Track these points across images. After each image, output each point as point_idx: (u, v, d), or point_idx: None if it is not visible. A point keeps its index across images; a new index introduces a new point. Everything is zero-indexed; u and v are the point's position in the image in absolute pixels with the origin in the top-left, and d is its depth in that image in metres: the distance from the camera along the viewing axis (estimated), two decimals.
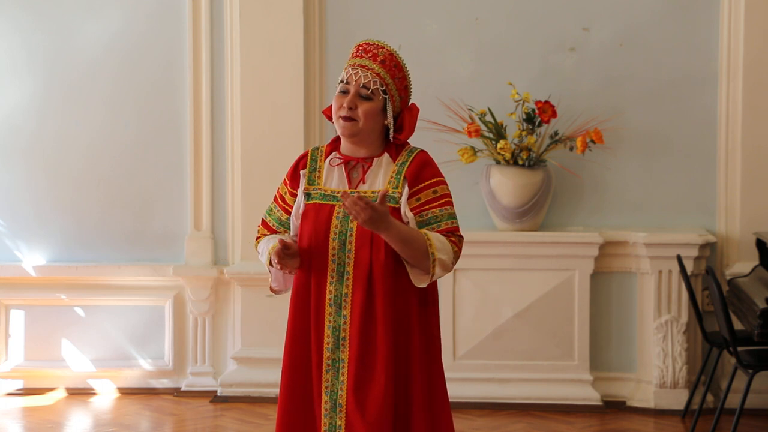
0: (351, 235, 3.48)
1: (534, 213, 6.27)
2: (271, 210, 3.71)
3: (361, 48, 3.60)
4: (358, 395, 3.46)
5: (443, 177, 3.57)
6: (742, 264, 6.22)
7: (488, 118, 6.29)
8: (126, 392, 6.68)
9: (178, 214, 6.72)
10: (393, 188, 3.51)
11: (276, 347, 6.45)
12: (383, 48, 3.58)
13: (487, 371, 6.29)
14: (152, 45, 6.69)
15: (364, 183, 3.54)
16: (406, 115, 3.58)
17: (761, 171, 6.29)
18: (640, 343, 6.36)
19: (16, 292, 6.76)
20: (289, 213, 3.64)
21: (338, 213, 3.50)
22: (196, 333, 6.66)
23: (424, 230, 3.48)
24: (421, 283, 3.48)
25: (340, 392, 3.49)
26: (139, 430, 6.03)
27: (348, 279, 3.48)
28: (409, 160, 3.54)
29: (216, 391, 6.57)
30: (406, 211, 3.50)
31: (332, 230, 3.50)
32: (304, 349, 3.53)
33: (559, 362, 6.28)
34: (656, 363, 6.24)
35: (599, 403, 6.26)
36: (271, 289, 3.68)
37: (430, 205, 3.51)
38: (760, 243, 5.98)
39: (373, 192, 3.51)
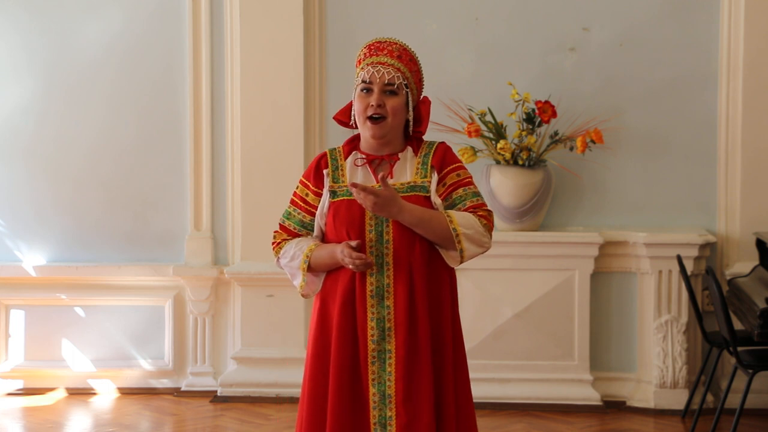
0: (387, 226, 3.51)
1: (534, 213, 6.27)
2: (289, 214, 3.69)
3: (373, 47, 3.60)
4: (408, 385, 3.47)
5: (463, 163, 3.65)
6: (742, 264, 6.22)
7: (488, 118, 6.29)
8: (126, 392, 6.68)
9: (178, 214, 6.72)
10: (421, 179, 3.56)
11: (276, 347, 6.49)
12: (396, 44, 3.60)
13: (487, 371, 6.28)
14: (152, 45, 6.69)
15: (392, 177, 3.57)
16: (422, 108, 3.64)
17: (761, 171, 6.29)
18: (640, 343, 6.36)
19: (16, 292, 6.76)
20: (312, 214, 3.63)
21: None
22: (196, 333, 6.66)
23: (446, 212, 3.52)
24: (455, 262, 3.55)
25: (388, 383, 3.50)
26: (139, 430, 6.03)
27: (388, 270, 3.51)
28: (432, 151, 3.60)
29: (216, 391, 6.57)
30: (435, 198, 3.55)
31: (367, 223, 3.52)
32: (351, 343, 3.51)
33: (559, 362, 6.28)
34: (656, 363, 6.24)
35: (599, 403, 6.26)
36: (303, 294, 3.67)
37: (454, 187, 3.57)
38: (760, 243, 5.98)
39: (401, 184, 3.54)
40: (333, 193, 3.59)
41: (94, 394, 6.69)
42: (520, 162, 6.24)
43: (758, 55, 6.26)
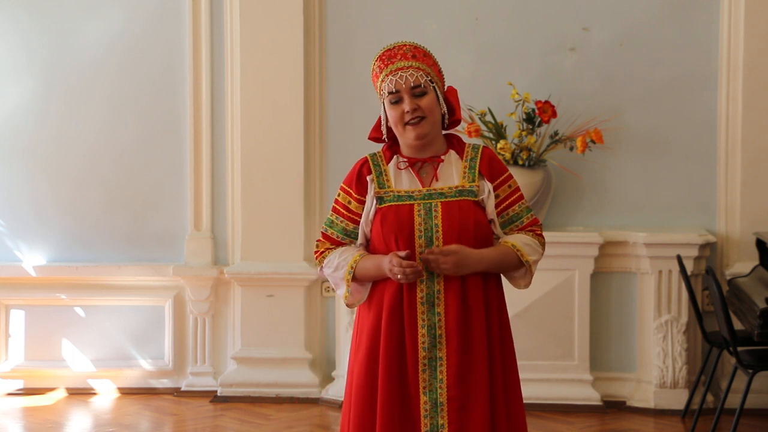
0: (437, 232, 3.48)
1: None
2: (332, 222, 3.62)
3: (385, 57, 3.57)
4: (461, 392, 3.44)
5: (508, 169, 3.65)
6: (742, 264, 6.22)
7: (488, 118, 6.29)
8: (126, 392, 6.68)
9: (178, 214, 6.72)
10: (469, 183, 3.54)
11: (276, 347, 6.49)
12: (405, 45, 3.58)
13: None
14: (152, 45, 6.69)
15: (437, 180, 3.54)
16: (450, 98, 3.62)
17: (761, 171, 6.29)
18: (640, 343, 6.36)
19: (16, 292, 6.76)
20: (355, 222, 3.57)
21: (419, 211, 3.49)
22: (196, 333, 6.66)
23: (508, 239, 3.53)
24: (522, 287, 3.61)
25: (439, 391, 3.46)
26: (139, 430, 6.03)
27: (438, 276, 3.47)
28: (479, 156, 3.58)
29: (216, 391, 6.57)
30: (489, 207, 3.53)
31: (416, 228, 3.48)
32: (399, 351, 3.48)
33: (559, 362, 6.28)
34: (656, 363, 6.24)
35: (599, 403, 6.26)
36: (348, 304, 3.62)
37: (509, 201, 3.58)
38: (760, 243, 5.98)
39: (449, 188, 3.52)
40: (380, 199, 3.53)
41: (94, 394, 6.69)
42: (520, 162, 6.24)
43: (758, 55, 6.26)
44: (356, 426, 3.51)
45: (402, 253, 3.42)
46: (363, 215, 3.56)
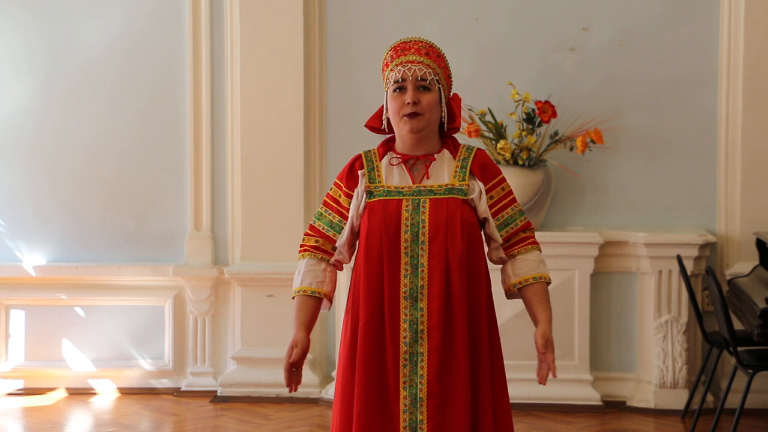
0: (423, 227, 3.49)
1: (534, 213, 6.27)
2: (320, 214, 3.65)
3: (399, 48, 3.58)
4: (441, 388, 3.44)
5: (501, 172, 3.66)
6: (742, 264, 6.22)
7: (488, 118, 6.29)
8: (126, 392, 6.68)
9: (178, 214, 6.73)
10: (459, 182, 3.54)
11: (276, 347, 6.48)
12: (422, 41, 3.59)
13: None
14: (152, 45, 6.69)
15: (428, 178, 3.55)
16: (453, 104, 3.63)
17: (761, 171, 6.29)
18: (640, 343, 6.36)
19: (16, 292, 6.77)
20: (342, 215, 3.60)
21: (407, 206, 3.50)
22: (196, 333, 6.67)
23: (527, 275, 3.62)
24: None
25: (419, 386, 3.46)
26: (139, 430, 6.03)
27: (423, 271, 3.47)
28: (471, 156, 3.59)
29: (216, 391, 6.57)
30: (481, 207, 3.55)
31: (403, 223, 3.49)
32: (379, 345, 3.48)
33: (559, 362, 6.26)
34: (656, 363, 6.24)
35: (599, 403, 6.26)
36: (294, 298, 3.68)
37: (503, 204, 3.58)
38: (760, 243, 5.98)
39: (439, 185, 3.53)
40: (369, 194, 3.56)
41: (94, 394, 6.69)
42: (520, 162, 6.24)
43: (758, 55, 6.26)
44: (339, 420, 3.53)
45: (294, 359, 3.60)
46: (352, 209, 3.58)
